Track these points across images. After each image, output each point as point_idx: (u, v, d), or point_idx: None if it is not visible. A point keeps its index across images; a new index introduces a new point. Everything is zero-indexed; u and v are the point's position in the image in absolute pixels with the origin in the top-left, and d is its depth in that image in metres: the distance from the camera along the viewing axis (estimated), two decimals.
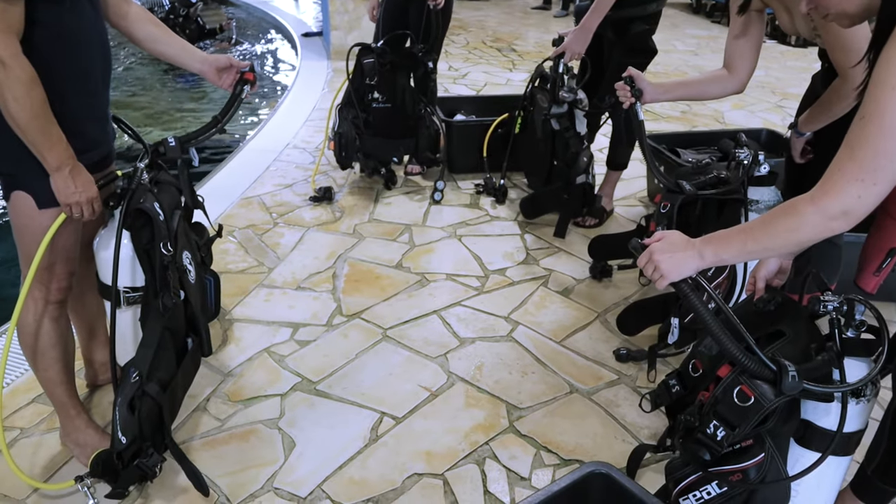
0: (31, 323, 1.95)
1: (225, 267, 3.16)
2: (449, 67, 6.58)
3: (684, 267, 1.46)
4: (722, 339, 1.45)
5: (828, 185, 1.29)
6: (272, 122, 5.17)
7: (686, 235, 1.51)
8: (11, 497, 1.99)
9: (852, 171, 1.25)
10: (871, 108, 1.24)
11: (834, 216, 1.29)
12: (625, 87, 2.45)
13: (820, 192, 1.30)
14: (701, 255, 1.45)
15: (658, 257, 1.47)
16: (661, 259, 1.47)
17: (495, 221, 3.66)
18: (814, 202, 1.30)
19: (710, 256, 1.45)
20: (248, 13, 10.23)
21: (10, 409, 2.30)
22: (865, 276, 2.37)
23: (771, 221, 1.37)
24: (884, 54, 1.23)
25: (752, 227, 1.42)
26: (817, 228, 1.32)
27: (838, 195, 1.27)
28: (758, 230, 1.40)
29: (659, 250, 1.48)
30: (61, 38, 1.74)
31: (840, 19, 1.41)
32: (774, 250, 1.44)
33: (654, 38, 3.33)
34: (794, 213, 1.33)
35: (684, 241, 1.48)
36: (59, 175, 1.75)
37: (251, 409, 2.34)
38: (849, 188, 1.26)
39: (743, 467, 1.60)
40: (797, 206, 1.33)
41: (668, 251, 1.47)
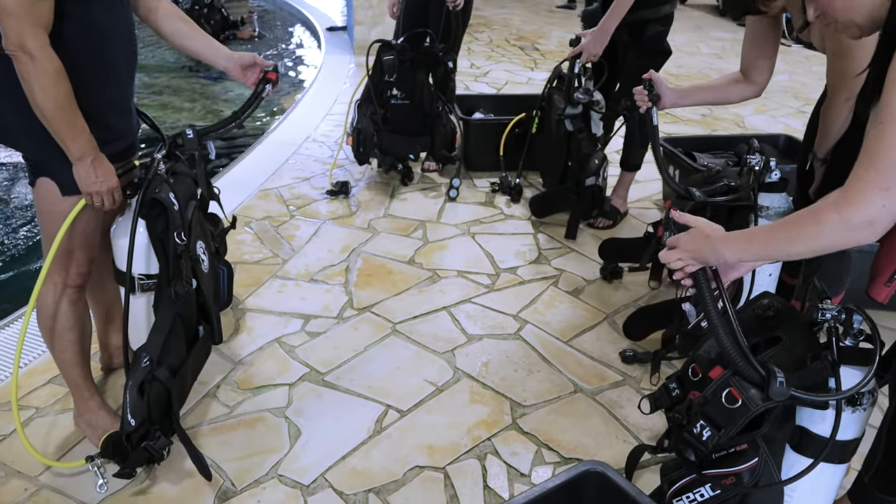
0: (49, 305, 2.01)
1: (240, 257, 3.21)
2: (471, 65, 6.61)
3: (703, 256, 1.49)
4: (719, 333, 1.47)
5: (850, 194, 1.27)
6: (293, 115, 5.23)
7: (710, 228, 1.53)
8: (25, 474, 2.06)
9: (875, 181, 1.23)
10: (887, 114, 1.22)
11: (858, 226, 1.27)
12: (643, 92, 2.46)
13: (843, 201, 1.28)
14: (720, 252, 1.46)
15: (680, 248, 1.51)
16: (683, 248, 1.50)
17: (509, 220, 3.69)
18: (838, 211, 1.28)
19: (730, 257, 1.46)
20: (274, 6, 10.31)
21: (27, 389, 2.37)
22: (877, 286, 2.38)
23: (794, 227, 1.36)
24: None
25: (773, 231, 1.41)
26: (841, 238, 1.30)
27: (861, 205, 1.25)
28: (780, 235, 1.39)
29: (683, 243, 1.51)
30: (89, 33, 1.79)
31: (848, 29, 1.40)
32: (795, 256, 1.46)
33: (677, 39, 3.34)
34: (818, 221, 1.31)
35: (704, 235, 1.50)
36: (81, 164, 1.80)
37: (259, 397, 2.39)
38: (872, 198, 1.24)
39: (736, 471, 1.62)
40: (821, 213, 1.31)
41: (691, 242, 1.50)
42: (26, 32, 1.61)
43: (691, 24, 9.05)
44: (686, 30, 8.61)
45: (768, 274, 2.38)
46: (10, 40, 1.61)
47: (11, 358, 2.45)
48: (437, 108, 3.89)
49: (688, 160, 3.49)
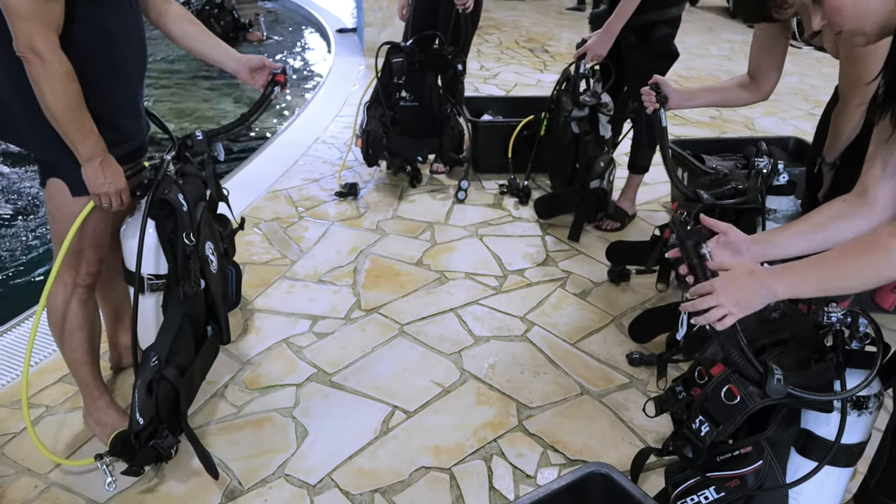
0: (59, 305, 2.03)
1: (249, 258, 3.23)
2: (480, 67, 6.62)
3: (754, 303, 1.38)
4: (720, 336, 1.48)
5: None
6: (302, 116, 5.26)
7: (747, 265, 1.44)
8: (35, 471, 2.08)
9: None
10: None
11: None
12: (650, 93, 2.47)
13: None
14: (771, 290, 1.36)
15: (723, 296, 1.37)
16: (726, 298, 1.37)
17: (517, 222, 3.69)
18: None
19: (782, 294, 1.37)
20: (285, 7, 10.36)
21: (38, 388, 2.40)
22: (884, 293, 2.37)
23: (855, 259, 1.29)
24: None
25: (829, 261, 1.33)
26: None
27: None
28: (839, 268, 1.31)
29: (723, 288, 1.38)
30: (99, 35, 1.81)
31: (855, 36, 1.37)
32: (856, 288, 1.35)
33: (688, 41, 3.35)
34: (885, 250, 1.24)
35: (747, 273, 1.39)
36: (90, 166, 1.82)
37: (267, 397, 2.40)
38: None
39: (741, 473, 1.62)
40: (885, 241, 1.24)
41: (734, 288, 1.38)
42: (36, 34, 1.63)
43: (702, 25, 9.02)
44: (697, 31, 8.59)
45: None
46: (21, 42, 1.63)
47: (23, 357, 2.47)
48: (445, 110, 3.90)
49: (696, 163, 3.49)
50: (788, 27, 2.34)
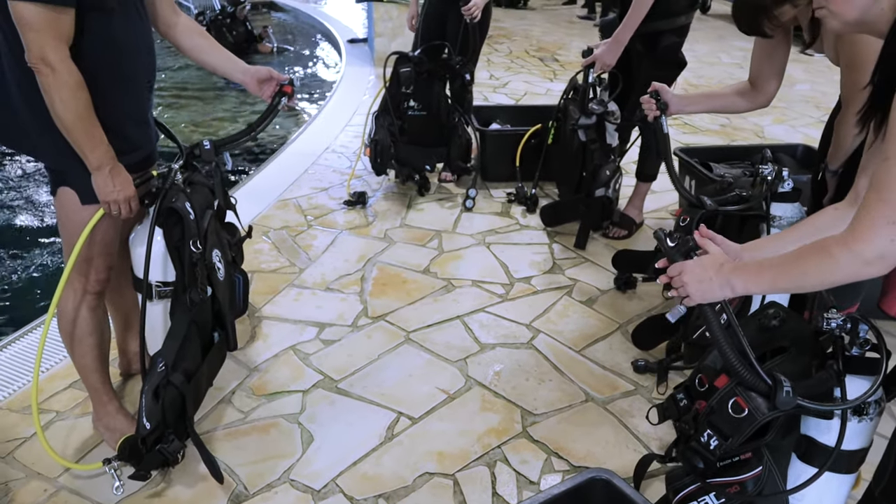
0: (70, 311, 2.07)
1: (258, 266, 3.26)
2: (490, 76, 6.65)
3: (711, 294, 1.46)
4: (724, 348, 1.49)
5: (859, 228, 1.24)
6: (313, 126, 5.30)
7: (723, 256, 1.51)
8: (45, 475, 2.11)
9: (883, 214, 1.20)
10: (893, 149, 1.19)
11: (870, 261, 1.24)
12: (650, 101, 2.49)
13: (851, 236, 1.25)
14: (731, 285, 1.43)
15: (687, 279, 1.48)
16: (689, 282, 1.47)
17: (525, 230, 3.71)
18: (847, 246, 1.25)
19: (739, 288, 1.43)
20: (297, 19, 10.45)
21: (48, 394, 2.43)
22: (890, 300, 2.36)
23: (803, 261, 1.34)
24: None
25: (783, 263, 1.38)
26: (855, 273, 1.27)
27: (872, 240, 1.21)
28: (790, 268, 1.36)
29: (690, 272, 1.48)
30: (109, 47, 1.85)
31: (831, 18, 1.38)
32: (806, 288, 1.40)
33: (699, 49, 3.37)
34: (828, 255, 1.28)
35: (717, 266, 1.46)
36: (99, 174, 1.86)
37: (274, 403, 2.43)
38: (881, 231, 1.20)
39: (740, 479, 1.63)
40: (830, 248, 1.28)
41: (699, 276, 1.46)
42: (47, 46, 1.66)
43: (713, 34, 9.02)
44: (708, 39, 8.59)
45: None
46: (33, 53, 1.67)
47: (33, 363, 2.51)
48: (453, 119, 3.93)
49: (704, 170, 3.49)
50: (789, 35, 2.35)
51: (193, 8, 10.67)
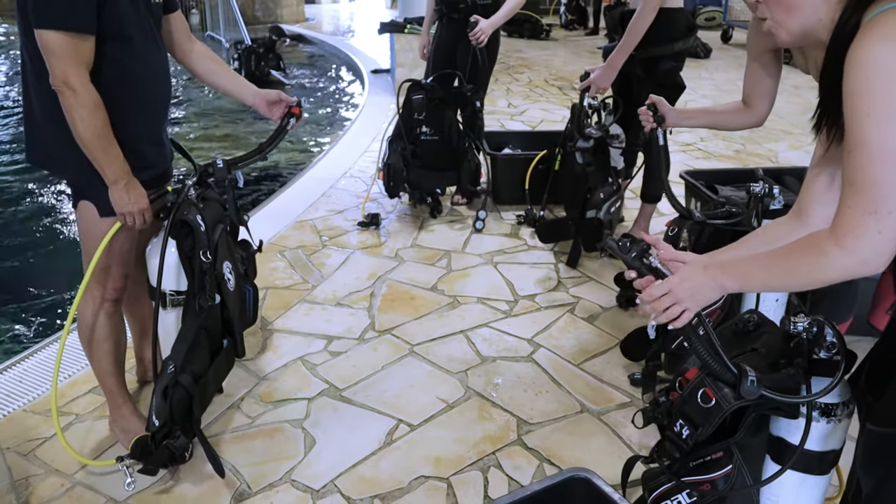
0: (88, 317, 2.21)
1: (272, 282, 3.40)
2: (508, 104, 6.80)
3: (706, 299, 1.46)
4: (692, 339, 1.56)
5: (843, 222, 1.24)
6: (332, 152, 5.48)
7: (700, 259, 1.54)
8: (62, 472, 2.24)
9: (861, 205, 1.21)
10: (852, 139, 1.24)
11: (865, 259, 1.24)
12: (647, 113, 2.59)
13: (840, 230, 1.25)
14: (721, 285, 1.44)
15: (681, 295, 1.45)
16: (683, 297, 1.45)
17: (532, 251, 3.81)
18: (837, 242, 1.25)
19: (731, 287, 1.44)
20: (324, 50, 10.75)
21: (69, 398, 2.57)
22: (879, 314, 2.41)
23: (795, 259, 1.34)
24: (845, 86, 1.26)
25: (774, 263, 1.39)
26: (845, 270, 1.27)
27: (860, 234, 1.22)
28: (781, 267, 1.37)
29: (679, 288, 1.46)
30: (126, 72, 2.01)
31: (777, 29, 1.43)
32: (797, 287, 1.42)
33: (718, 77, 3.46)
34: (820, 253, 1.28)
35: (700, 270, 1.46)
36: (115, 188, 2.00)
37: (280, 409, 2.54)
38: (865, 223, 1.21)
39: (712, 478, 1.69)
40: (822, 245, 1.28)
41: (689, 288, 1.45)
42: (69, 71, 1.83)
43: (734, 62, 9.09)
44: (728, 68, 8.67)
45: (775, 300, 2.44)
46: (56, 77, 1.83)
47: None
48: (463, 144, 4.06)
49: (707, 192, 3.57)
50: (779, 55, 2.44)
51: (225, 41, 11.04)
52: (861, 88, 1.21)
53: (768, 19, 1.43)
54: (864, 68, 1.21)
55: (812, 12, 1.37)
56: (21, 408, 2.53)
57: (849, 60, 1.25)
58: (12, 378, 2.70)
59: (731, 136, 5.89)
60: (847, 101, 1.25)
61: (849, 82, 1.24)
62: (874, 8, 1.26)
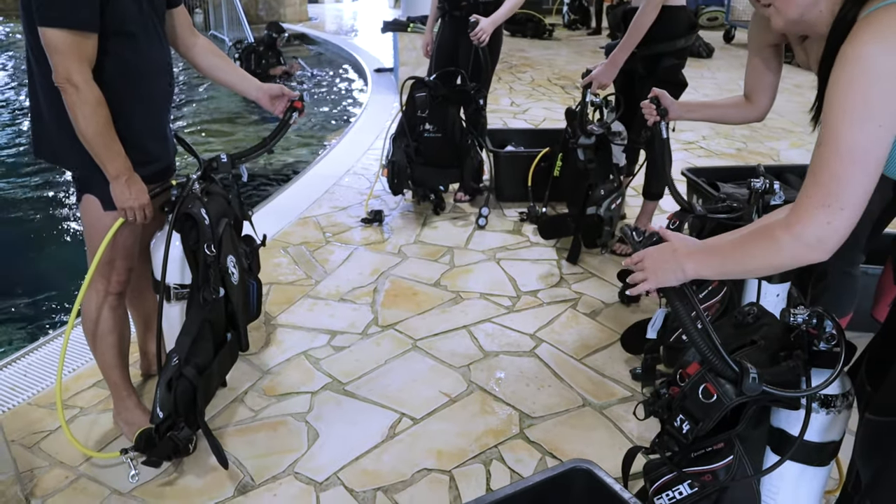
0: (92, 311, 2.23)
1: (276, 278, 3.41)
2: (511, 103, 6.81)
3: (665, 278, 1.54)
4: (693, 335, 1.57)
5: (798, 210, 1.31)
6: (336, 150, 5.50)
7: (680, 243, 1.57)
8: (66, 464, 2.25)
9: (817, 197, 1.27)
10: (825, 132, 1.27)
11: (809, 244, 1.30)
12: (650, 106, 2.60)
13: (793, 218, 1.31)
14: (683, 268, 1.51)
15: (647, 263, 1.56)
16: (648, 266, 1.56)
17: (535, 247, 3.82)
18: (788, 229, 1.31)
19: (690, 272, 1.51)
20: (327, 49, 10.77)
21: (74, 391, 2.59)
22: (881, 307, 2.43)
23: (749, 245, 1.41)
24: (831, 78, 1.29)
25: (731, 247, 1.46)
26: (793, 256, 1.34)
27: (809, 222, 1.29)
28: (736, 252, 1.44)
29: (650, 256, 1.56)
30: (129, 68, 2.02)
31: (775, 15, 1.46)
32: (750, 274, 1.50)
33: (720, 77, 3.47)
34: (771, 238, 1.35)
35: (672, 251, 1.54)
36: (116, 183, 2.02)
37: (283, 403, 2.55)
38: (817, 213, 1.27)
39: (713, 468, 1.70)
40: (773, 231, 1.35)
41: (657, 260, 1.54)
42: (72, 67, 1.84)
43: (736, 62, 9.10)
44: (730, 67, 8.68)
45: (776, 294, 2.45)
46: (59, 74, 1.85)
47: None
48: (466, 141, 4.07)
49: (709, 189, 3.58)
50: (780, 51, 2.45)
51: (228, 40, 11.07)
52: (843, 85, 1.25)
53: (770, 5, 1.45)
54: (851, 66, 1.24)
55: (813, 3, 1.39)
56: (26, 401, 2.55)
57: (839, 55, 1.27)
58: (17, 371, 2.72)
59: (733, 134, 5.91)
60: (828, 95, 1.28)
61: (834, 77, 1.27)
62: (872, 3, 1.27)
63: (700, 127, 5.91)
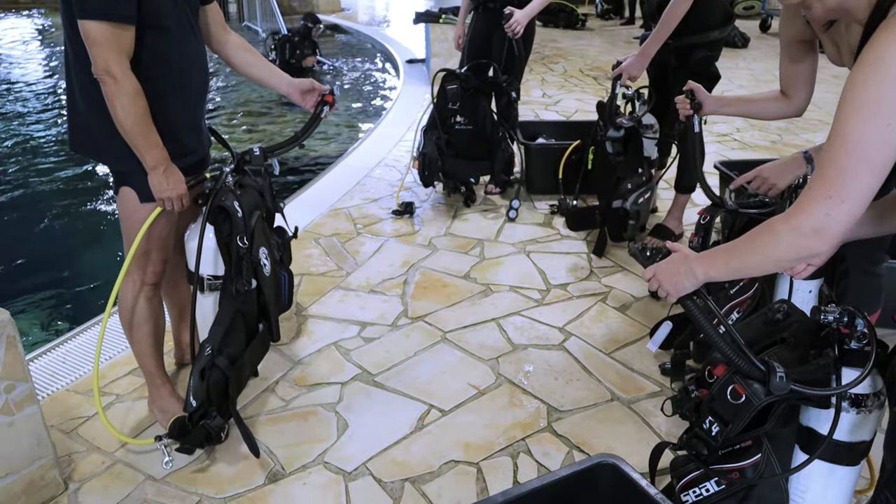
0: (128, 300, 2.28)
1: (307, 269, 3.45)
2: (543, 94, 6.78)
3: (682, 286, 1.57)
4: (716, 340, 1.57)
5: (800, 203, 1.34)
6: (367, 141, 5.53)
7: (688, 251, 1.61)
8: (103, 450, 2.31)
9: (821, 189, 1.30)
10: (837, 128, 1.30)
11: (806, 234, 1.33)
12: (684, 100, 2.58)
13: (793, 210, 1.35)
14: (694, 274, 1.54)
15: (661, 277, 1.60)
16: (663, 280, 1.59)
17: (565, 240, 3.81)
18: (787, 221, 1.35)
19: (701, 275, 1.54)
20: (359, 40, 10.80)
21: (110, 379, 2.65)
22: None
23: (751, 240, 1.44)
24: (848, 78, 1.31)
25: (735, 245, 1.49)
26: (792, 247, 1.36)
27: (809, 213, 1.32)
28: (739, 249, 1.47)
29: (662, 271, 1.60)
30: (164, 61, 2.06)
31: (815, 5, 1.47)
32: (756, 269, 1.51)
33: (755, 67, 3.43)
34: (771, 232, 1.39)
35: (682, 260, 1.57)
36: (154, 173, 2.06)
37: (313, 393, 2.59)
38: (817, 205, 1.30)
39: (740, 466, 1.69)
40: (773, 225, 1.39)
41: (670, 272, 1.58)
42: (111, 59, 1.88)
43: (772, 52, 8.94)
44: (765, 58, 8.54)
45: (808, 291, 2.42)
46: (98, 66, 1.89)
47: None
48: (497, 133, 4.07)
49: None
50: (815, 44, 2.41)
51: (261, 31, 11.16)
52: (858, 84, 1.27)
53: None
54: (869, 67, 1.26)
55: None
56: (64, 387, 2.61)
57: (863, 51, 1.29)
58: (56, 359, 2.79)
59: (768, 126, 5.82)
60: (843, 93, 1.30)
61: (851, 77, 1.30)
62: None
63: (734, 119, 5.83)
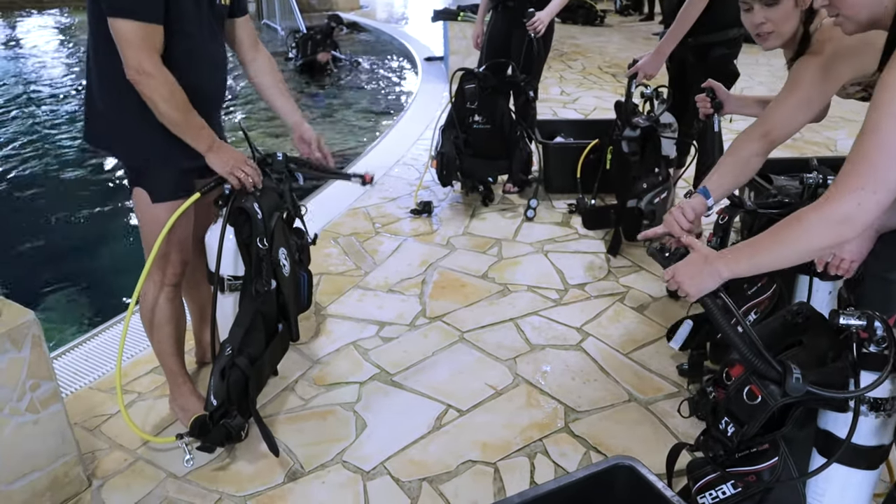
0: (150, 301, 2.31)
1: (326, 268, 3.48)
2: (561, 92, 6.77)
3: (704, 285, 1.58)
4: (733, 340, 1.57)
5: (831, 193, 1.39)
6: (386, 140, 5.55)
7: (707, 250, 1.63)
8: (125, 447, 2.35)
9: (853, 181, 1.36)
10: (870, 126, 1.35)
11: (837, 222, 1.38)
12: (705, 99, 2.56)
13: (824, 200, 1.40)
14: (718, 272, 1.56)
15: (681, 278, 1.61)
16: (683, 280, 1.61)
17: (583, 240, 3.81)
18: (817, 209, 1.40)
19: (725, 272, 1.56)
20: (378, 37, 10.82)
21: (132, 377, 2.69)
22: None
23: (778, 233, 1.47)
24: (885, 78, 1.34)
25: (759, 240, 1.52)
26: (824, 235, 1.41)
27: (840, 202, 1.37)
28: (766, 242, 1.50)
29: (682, 271, 1.61)
30: (185, 65, 2.08)
31: (846, 22, 1.50)
32: (784, 261, 1.52)
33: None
34: (799, 222, 1.43)
35: (703, 259, 1.59)
36: (211, 155, 2.10)
37: (332, 392, 2.62)
38: (850, 196, 1.35)
39: (757, 469, 1.69)
40: (801, 215, 1.43)
41: (690, 273, 1.60)
42: (143, 57, 1.91)
43: None
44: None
45: (828, 292, 2.40)
46: (131, 66, 1.91)
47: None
48: (515, 133, 4.07)
49: (762, 182, 3.51)
50: None
51: (280, 29, 11.22)
52: (891, 83, 1.32)
53: (838, 14, 1.50)
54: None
55: (877, 2, 1.42)
56: (87, 385, 2.66)
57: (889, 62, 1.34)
58: (79, 357, 2.84)
59: None
60: (876, 93, 1.35)
61: (883, 80, 1.34)
62: None
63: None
